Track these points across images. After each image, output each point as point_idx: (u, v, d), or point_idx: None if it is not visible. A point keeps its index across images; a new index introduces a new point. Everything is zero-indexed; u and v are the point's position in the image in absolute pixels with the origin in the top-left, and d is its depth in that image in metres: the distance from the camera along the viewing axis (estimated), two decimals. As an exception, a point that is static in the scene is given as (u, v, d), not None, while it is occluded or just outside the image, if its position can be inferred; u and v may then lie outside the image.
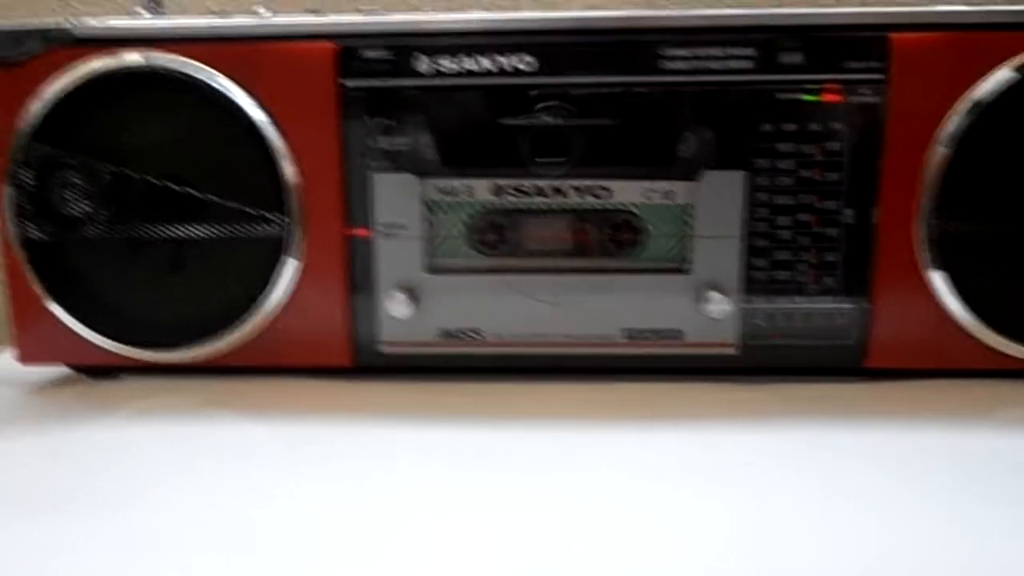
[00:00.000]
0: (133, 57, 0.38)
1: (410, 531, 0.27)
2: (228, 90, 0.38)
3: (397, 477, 0.31)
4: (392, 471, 0.32)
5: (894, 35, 0.36)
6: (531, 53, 0.37)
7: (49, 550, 0.26)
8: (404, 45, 0.37)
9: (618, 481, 0.30)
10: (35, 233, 0.39)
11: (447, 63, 0.37)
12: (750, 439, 0.34)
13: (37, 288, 0.40)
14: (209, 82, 0.38)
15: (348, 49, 0.37)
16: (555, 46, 0.37)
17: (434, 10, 0.39)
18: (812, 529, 0.27)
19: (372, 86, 0.37)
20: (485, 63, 0.37)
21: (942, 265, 0.37)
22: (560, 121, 0.37)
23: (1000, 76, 0.36)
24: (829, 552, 0.25)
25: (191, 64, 0.38)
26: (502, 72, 0.37)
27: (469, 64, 0.37)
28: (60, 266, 0.40)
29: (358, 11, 0.38)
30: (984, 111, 0.36)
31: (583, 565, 0.25)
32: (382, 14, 0.38)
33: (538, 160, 0.38)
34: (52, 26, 0.38)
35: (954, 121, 0.36)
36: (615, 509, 0.28)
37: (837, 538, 0.26)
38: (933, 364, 0.39)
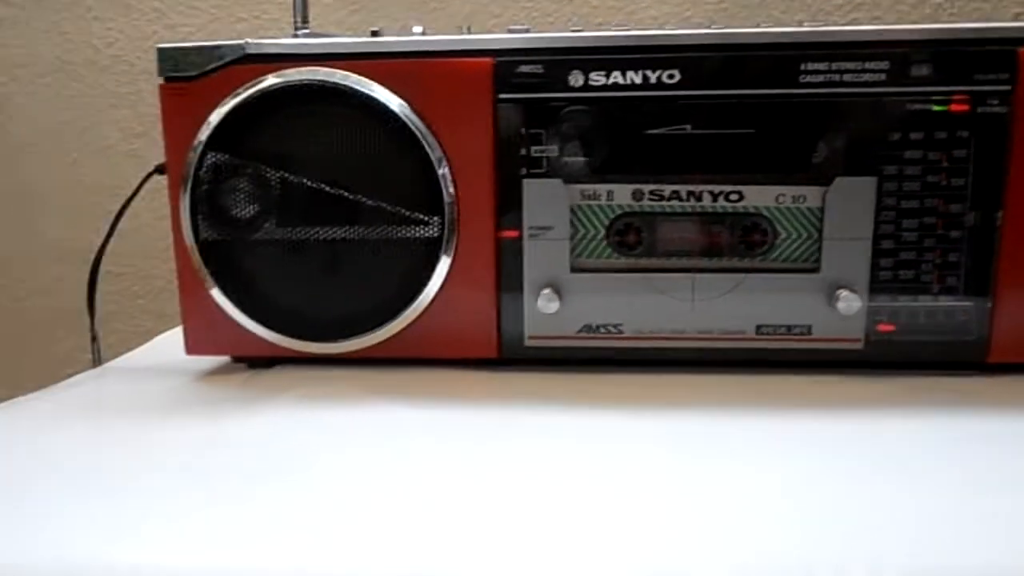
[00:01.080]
0: (304, 73, 0.41)
1: (551, 502, 0.29)
2: (388, 101, 0.41)
3: (538, 455, 0.34)
4: (534, 451, 0.34)
5: (1021, 49, 0.38)
6: (676, 67, 0.39)
7: (216, 515, 0.29)
8: (557, 60, 0.40)
9: (753, 464, 0.32)
10: (208, 233, 0.43)
11: (597, 77, 0.40)
12: (881, 425, 0.36)
13: (207, 283, 0.43)
14: (369, 93, 0.41)
15: (504, 63, 0.40)
16: (698, 60, 0.40)
17: (585, 28, 0.41)
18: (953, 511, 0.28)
19: (526, 99, 0.40)
20: (633, 77, 0.40)
21: (1064, 265, 0.40)
22: (701, 130, 0.40)
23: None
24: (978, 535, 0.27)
25: (355, 78, 0.41)
26: (648, 85, 0.40)
27: (618, 78, 0.40)
28: (230, 264, 0.43)
29: (509, 30, 0.41)
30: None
31: (718, 532, 0.27)
32: (534, 31, 0.41)
33: (675, 167, 0.41)
34: (228, 45, 0.42)
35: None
36: (749, 489, 0.30)
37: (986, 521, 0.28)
38: (1051, 360, 0.41)
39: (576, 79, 0.40)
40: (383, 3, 0.81)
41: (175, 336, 0.47)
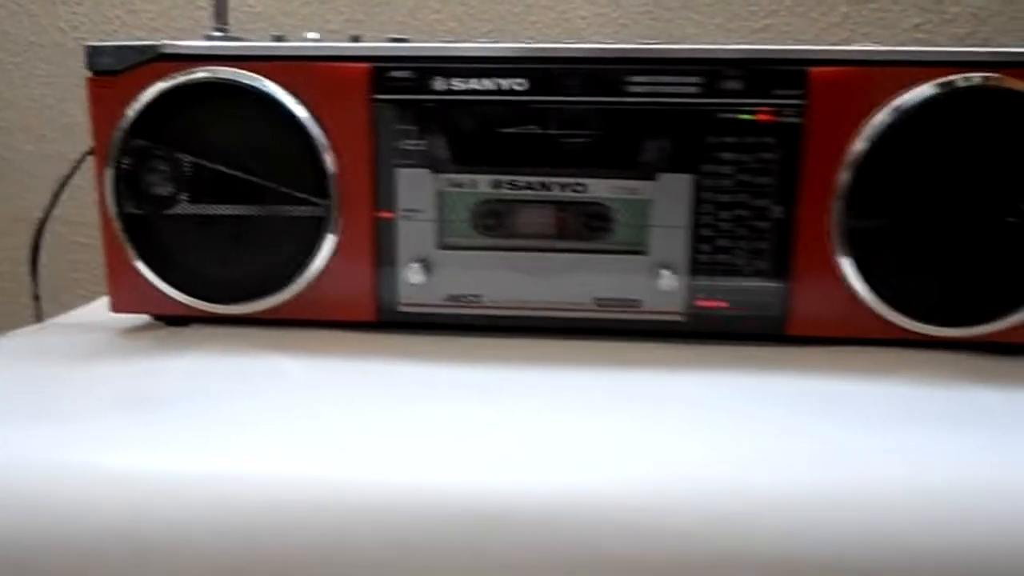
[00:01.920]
0: (209, 72, 0.48)
1: (410, 437, 0.36)
2: (282, 98, 0.48)
3: (402, 396, 0.41)
4: (398, 393, 0.42)
5: (812, 69, 0.45)
6: (524, 76, 0.46)
7: (132, 434, 0.36)
8: (424, 67, 0.47)
9: (581, 406, 0.40)
10: (130, 208, 0.50)
11: (457, 83, 0.46)
12: (689, 380, 0.44)
13: (129, 252, 0.50)
14: (266, 91, 0.48)
15: (379, 68, 0.47)
16: (543, 71, 0.46)
17: (449, 40, 0.48)
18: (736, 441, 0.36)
19: (397, 99, 0.47)
20: (487, 84, 0.46)
21: (850, 253, 0.46)
22: (546, 131, 0.47)
23: (919, 92, 0.44)
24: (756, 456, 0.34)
25: (253, 77, 0.48)
26: (500, 91, 0.46)
27: (475, 84, 0.46)
28: (148, 234, 0.50)
29: (390, 39, 0.48)
30: (880, 134, 0.45)
31: (547, 458, 0.34)
32: (408, 42, 0.48)
33: (527, 161, 0.47)
34: (146, 45, 0.48)
35: (861, 137, 0.45)
36: (575, 425, 0.38)
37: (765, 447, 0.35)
38: (842, 334, 0.48)
39: (440, 84, 0.47)
40: (331, -4, 0.88)
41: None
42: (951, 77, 0.44)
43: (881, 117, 0.45)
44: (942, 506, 0.32)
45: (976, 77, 0.44)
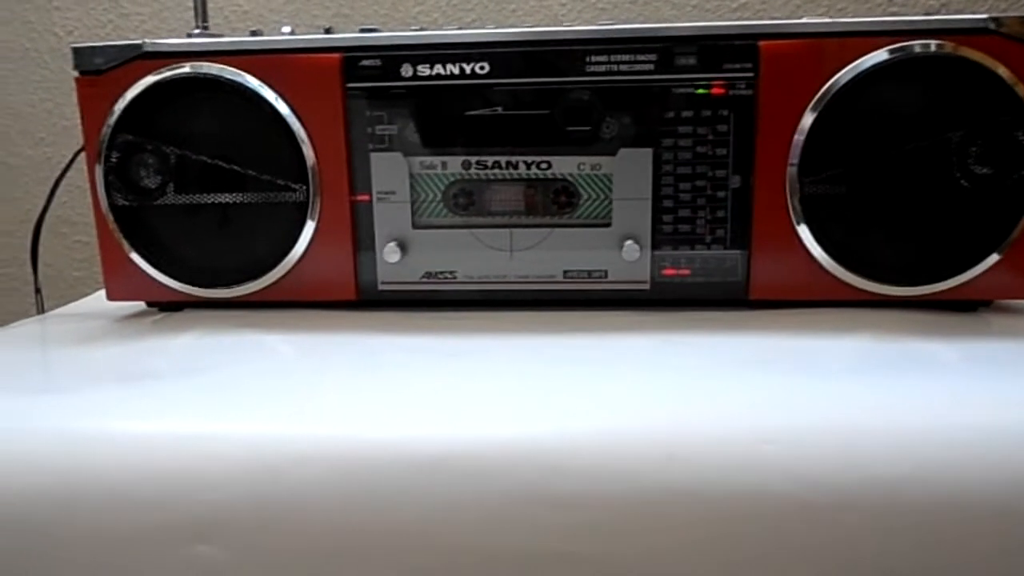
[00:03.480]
0: (189, 68, 0.50)
1: (393, 397, 0.39)
2: (260, 90, 0.50)
3: (384, 364, 0.44)
4: (380, 361, 0.44)
5: (762, 43, 0.47)
6: (486, 60, 0.48)
7: (129, 403, 0.39)
8: (392, 55, 0.49)
9: (539, 367, 0.42)
10: (120, 200, 0.52)
11: (423, 69, 0.49)
12: (651, 342, 0.46)
13: (121, 242, 0.53)
14: (246, 84, 0.50)
15: (350, 58, 0.49)
16: (504, 55, 0.48)
17: (414, 28, 0.50)
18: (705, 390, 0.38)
19: (368, 87, 0.49)
20: (452, 69, 0.49)
21: (806, 219, 0.48)
22: (511, 112, 0.49)
23: (863, 62, 0.46)
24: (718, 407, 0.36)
25: (232, 71, 0.50)
26: (464, 75, 0.49)
27: (439, 70, 0.49)
28: (139, 225, 0.53)
29: (360, 29, 0.50)
30: (829, 103, 0.47)
31: (497, 411, 0.37)
32: (377, 31, 0.50)
33: (494, 142, 0.50)
34: (129, 44, 0.51)
35: (811, 107, 0.47)
36: (547, 382, 0.40)
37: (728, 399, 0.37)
38: (802, 296, 0.50)
39: (407, 70, 0.49)
40: (315, -8, 0.90)
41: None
42: (894, 46, 0.46)
43: (829, 87, 0.47)
44: (893, 442, 0.33)
45: (917, 45, 0.46)
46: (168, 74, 0.50)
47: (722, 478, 0.32)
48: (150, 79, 0.50)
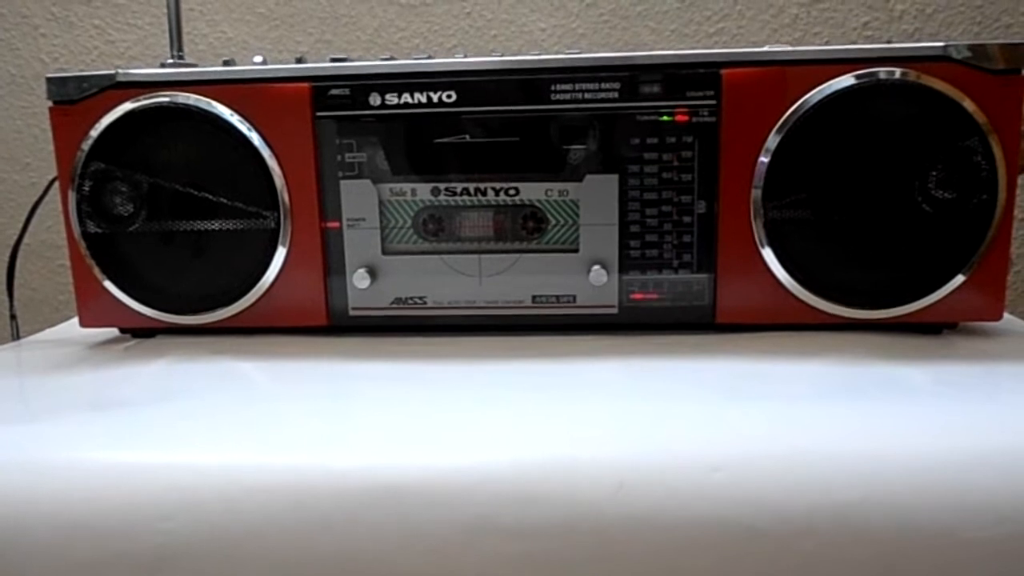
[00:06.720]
0: (161, 97, 0.51)
1: (360, 422, 0.39)
2: (232, 119, 0.51)
3: (349, 393, 0.44)
4: (346, 389, 0.45)
5: (724, 71, 0.48)
6: (452, 89, 0.49)
7: (107, 432, 0.39)
8: (360, 84, 0.50)
9: (523, 394, 0.43)
10: (92, 228, 0.52)
11: (391, 98, 0.49)
12: (617, 367, 0.46)
13: (95, 269, 0.53)
14: (217, 113, 0.51)
15: (319, 88, 0.50)
16: (470, 84, 0.49)
17: (383, 58, 0.51)
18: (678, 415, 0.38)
19: (338, 115, 0.50)
20: (419, 97, 0.49)
21: (770, 243, 0.49)
22: (478, 139, 0.50)
23: (823, 89, 0.47)
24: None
25: (203, 100, 0.51)
26: (431, 104, 0.49)
27: (407, 98, 0.49)
28: (111, 252, 0.53)
29: (331, 59, 0.51)
30: (792, 129, 0.47)
31: (455, 438, 0.37)
32: (347, 61, 0.51)
33: (462, 169, 0.50)
34: (102, 75, 0.51)
35: (774, 133, 0.48)
36: (507, 410, 0.40)
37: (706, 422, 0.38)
38: (769, 320, 0.50)
39: (375, 99, 0.50)
40: (300, 20, 0.91)
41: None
42: (854, 74, 0.47)
43: (791, 114, 0.47)
44: (850, 467, 0.34)
45: (881, 72, 0.46)
46: (141, 103, 0.51)
47: (675, 506, 0.32)
48: (123, 108, 0.51)
